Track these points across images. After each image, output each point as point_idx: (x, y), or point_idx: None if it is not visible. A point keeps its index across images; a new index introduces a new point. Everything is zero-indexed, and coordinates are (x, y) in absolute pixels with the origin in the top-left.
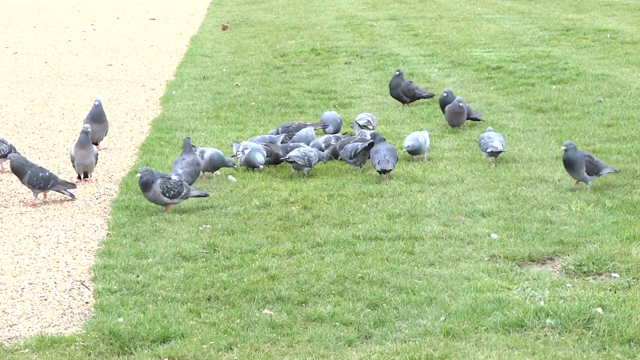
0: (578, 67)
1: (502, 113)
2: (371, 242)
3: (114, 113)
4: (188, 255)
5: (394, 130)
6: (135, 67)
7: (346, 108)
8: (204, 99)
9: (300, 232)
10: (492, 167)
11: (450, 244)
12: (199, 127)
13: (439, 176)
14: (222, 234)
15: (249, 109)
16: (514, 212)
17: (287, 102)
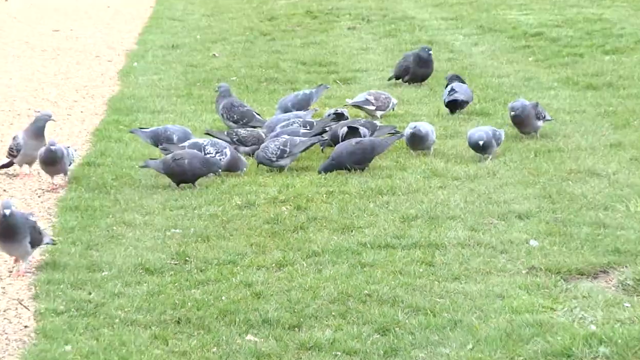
0: (637, 33)
1: (543, 90)
2: (380, 251)
3: (61, 90)
4: (152, 267)
5: (409, 111)
6: (88, 34)
7: (349, 84)
8: (172, 73)
9: (293, 238)
10: (530, 157)
11: (479, 253)
12: (166, 107)
13: (464, 169)
14: (195, 241)
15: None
16: (558, 214)
17: (276, 77)
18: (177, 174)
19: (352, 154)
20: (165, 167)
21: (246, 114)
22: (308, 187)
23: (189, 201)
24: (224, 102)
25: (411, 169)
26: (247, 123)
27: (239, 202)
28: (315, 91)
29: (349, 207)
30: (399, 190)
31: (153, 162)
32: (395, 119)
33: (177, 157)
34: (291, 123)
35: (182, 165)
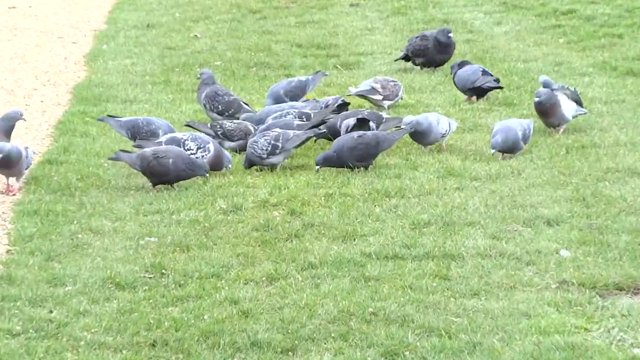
0: None
1: (576, 77)
2: (387, 263)
3: (19, 76)
4: (124, 281)
5: (421, 101)
6: (50, 11)
7: (352, 70)
8: (147, 57)
9: (286, 247)
10: (561, 154)
11: (502, 265)
12: (140, 96)
13: (485, 167)
14: (173, 251)
15: (213, 71)
16: (593, 219)
17: (268, 62)
18: (158, 174)
19: (353, 149)
20: (143, 163)
21: (232, 104)
22: (304, 189)
23: (165, 205)
24: (207, 90)
25: (423, 167)
26: (234, 114)
27: (223, 206)
28: (312, 78)
29: (351, 212)
30: (409, 192)
31: (127, 156)
32: (404, 109)
33: (160, 154)
34: (285, 114)
35: (165, 164)
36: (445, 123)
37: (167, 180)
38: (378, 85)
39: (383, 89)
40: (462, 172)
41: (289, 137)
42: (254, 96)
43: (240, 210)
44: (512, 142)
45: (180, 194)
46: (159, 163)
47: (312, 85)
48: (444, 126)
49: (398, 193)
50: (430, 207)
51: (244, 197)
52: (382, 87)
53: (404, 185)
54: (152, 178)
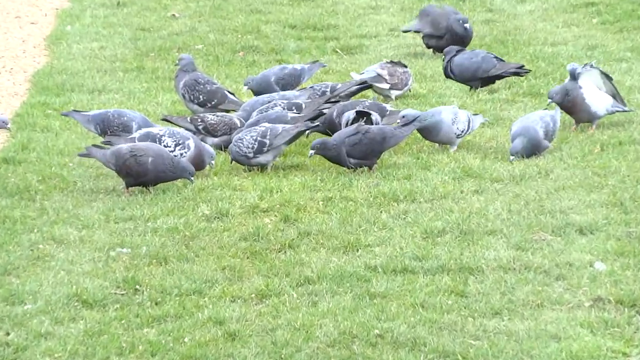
0: None
1: (612, 62)
2: (396, 277)
3: None
4: (92, 298)
5: (434, 90)
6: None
7: (353, 54)
8: (118, 40)
9: (279, 260)
10: (595, 152)
11: (527, 280)
12: (109, 85)
13: (507, 167)
14: (149, 264)
15: (193, 56)
16: (633, 227)
17: (257, 45)
18: (135, 174)
19: (355, 144)
20: (118, 161)
21: (215, 93)
22: (299, 192)
23: (140, 210)
24: (186, 78)
25: (436, 167)
26: (217, 106)
27: (206, 212)
28: (308, 68)
29: (354, 219)
30: (421, 195)
31: (99, 152)
32: (414, 100)
33: (138, 152)
34: (273, 105)
35: (143, 163)
36: (463, 122)
37: (144, 182)
38: (385, 72)
39: (390, 77)
40: (482, 173)
41: (278, 133)
42: (240, 85)
43: (225, 217)
44: (532, 146)
45: (156, 198)
46: (137, 162)
47: (308, 75)
48: (461, 126)
49: (408, 197)
50: (444, 213)
51: (230, 201)
52: (390, 75)
53: (414, 187)
54: (128, 178)
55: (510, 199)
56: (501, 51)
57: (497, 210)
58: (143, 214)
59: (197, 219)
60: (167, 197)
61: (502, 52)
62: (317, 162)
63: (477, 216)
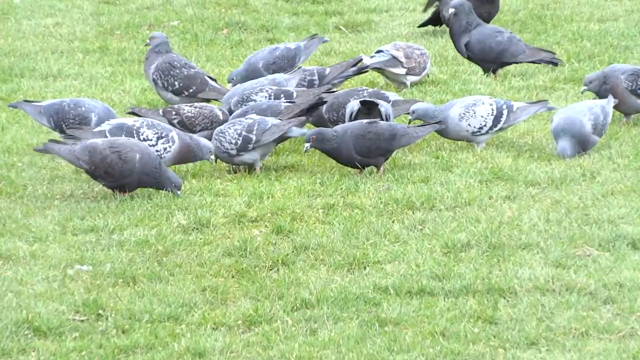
0: None
1: None
2: (411, 300)
3: None
4: (45, 325)
5: (457, 75)
6: None
7: (360, 32)
8: (77, 15)
9: (270, 279)
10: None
11: (569, 304)
12: (66, 69)
13: (545, 167)
14: (114, 284)
15: (167, 34)
16: None
17: (244, 21)
18: (118, 174)
19: (359, 138)
20: (94, 158)
21: (193, 79)
22: (294, 198)
23: (103, 220)
24: (159, 61)
25: (460, 168)
26: (196, 94)
27: (183, 222)
28: (304, 45)
29: (361, 230)
30: (441, 202)
31: (62, 148)
32: (434, 88)
33: (122, 147)
34: (256, 91)
35: (129, 161)
36: (481, 117)
37: (125, 184)
38: (400, 54)
39: (407, 59)
40: (514, 175)
41: (266, 128)
42: (224, 69)
43: (206, 228)
44: (577, 142)
45: (123, 205)
46: (121, 159)
47: (305, 55)
48: (476, 122)
49: (425, 204)
50: (469, 223)
51: (211, 209)
52: (406, 57)
53: (433, 192)
54: (107, 179)
55: (548, 206)
56: (538, 28)
57: (533, 219)
58: (107, 225)
59: (172, 231)
60: (136, 204)
61: (540, 30)
62: (316, 161)
63: (509, 227)
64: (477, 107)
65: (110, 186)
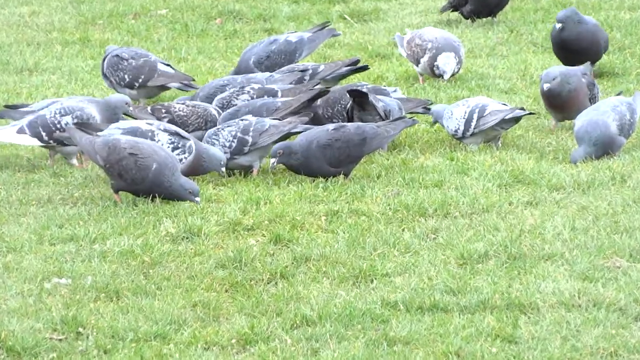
0: None
1: None
2: (423, 317)
3: None
4: (20, 345)
5: (473, 70)
6: None
7: (367, 22)
8: (55, 3)
9: (267, 294)
10: None
11: (597, 321)
12: (44, 63)
13: (571, 171)
14: (95, 299)
15: (154, 24)
16: None
17: (238, 10)
18: (130, 179)
19: (326, 148)
20: (111, 157)
21: (142, 68)
22: (294, 204)
23: (84, 228)
24: (109, 56)
25: (477, 170)
26: (146, 83)
27: (172, 230)
28: (309, 38)
29: (367, 239)
30: (456, 208)
31: (84, 137)
32: (448, 83)
33: (140, 153)
34: (237, 93)
35: (145, 169)
36: (454, 121)
37: (137, 190)
38: (407, 37)
39: (407, 44)
40: (537, 179)
41: (264, 129)
42: (217, 62)
43: (197, 237)
44: (603, 144)
45: (106, 211)
46: (137, 165)
47: (309, 50)
48: (452, 125)
49: (439, 210)
50: (487, 231)
51: (203, 216)
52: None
53: (447, 198)
54: (118, 181)
55: (574, 213)
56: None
57: (557, 227)
58: (88, 233)
59: (160, 240)
60: (120, 210)
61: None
62: None
63: (531, 236)
64: (455, 109)
65: (121, 188)
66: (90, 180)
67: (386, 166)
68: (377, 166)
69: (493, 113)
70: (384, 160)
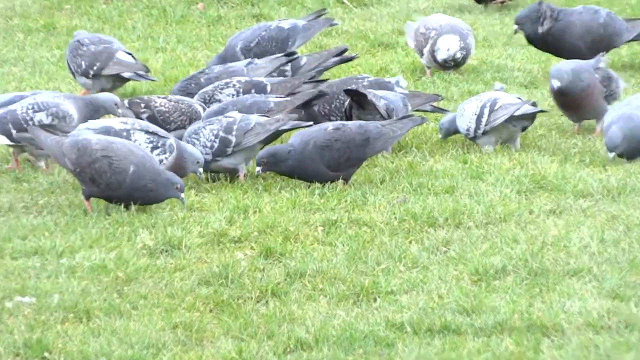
0: None
1: None
2: (433, 340)
3: None
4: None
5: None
6: None
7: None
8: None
9: (257, 314)
10: None
11: (630, 345)
12: (4, 53)
13: (599, 175)
14: (63, 320)
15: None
16: None
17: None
18: (104, 184)
19: (325, 149)
20: (82, 159)
21: (99, 55)
22: (287, 213)
23: (50, 240)
24: (74, 39)
25: (493, 175)
26: (101, 71)
27: (149, 243)
28: (305, 25)
29: (370, 253)
30: (470, 217)
31: (49, 137)
32: (461, 76)
33: (114, 154)
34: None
35: (120, 171)
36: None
37: (112, 197)
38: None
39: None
40: (561, 184)
41: (249, 128)
42: (199, 52)
43: (177, 250)
44: (637, 143)
45: (75, 221)
46: (111, 168)
47: (303, 38)
48: (463, 122)
49: (450, 220)
50: (505, 244)
51: (184, 226)
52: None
53: (460, 206)
54: (90, 186)
55: (603, 223)
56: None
57: (584, 239)
58: (54, 246)
59: (136, 253)
60: (91, 220)
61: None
62: None
63: (554, 249)
64: (468, 105)
65: (93, 194)
66: (57, 186)
67: (391, 170)
68: (380, 170)
69: (504, 107)
70: (389, 163)
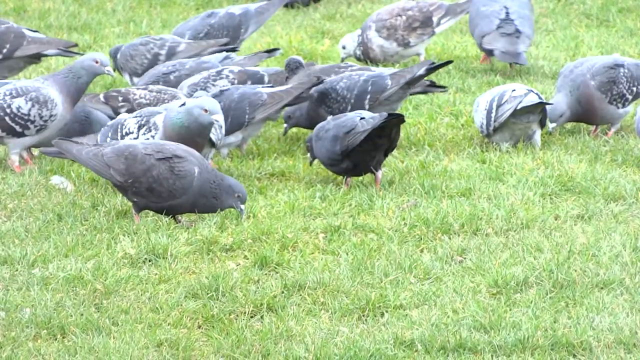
0: None
1: None
2: (447, 359)
3: None
4: None
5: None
6: None
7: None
8: None
9: (251, 330)
10: None
11: None
12: None
13: (633, 177)
14: (35, 337)
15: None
16: None
17: None
18: (166, 192)
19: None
20: (133, 169)
21: (5, 35)
22: (284, 218)
23: (20, 248)
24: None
25: (514, 176)
26: (12, 54)
27: (131, 251)
28: (258, 9)
29: (377, 262)
30: (488, 223)
31: (85, 151)
32: (478, 67)
33: (174, 155)
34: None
35: (186, 176)
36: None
37: (173, 206)
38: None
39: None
40: (589, 187)
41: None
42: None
43: (163, 259)
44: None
45: (48, 227)
46: (174, 172)
47: (257, 24)
48: (478, 118)
49: (466, 226)
50: (527, 252)
51: (170, 233)
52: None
53: (477, 210)
54: (147, 197)
55: (636, 230)
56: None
57: (615, 248)
58: (25, 255)
59: (116, 263)
60: (65, 225)
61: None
62: (315, 168)
63: (582, 258)
64: (482, 98)
65: (145, 207)
66: (28, 188)
67: (400, 170)
68: (389, 170)
69: (510, 100)
70: (398, 162)
